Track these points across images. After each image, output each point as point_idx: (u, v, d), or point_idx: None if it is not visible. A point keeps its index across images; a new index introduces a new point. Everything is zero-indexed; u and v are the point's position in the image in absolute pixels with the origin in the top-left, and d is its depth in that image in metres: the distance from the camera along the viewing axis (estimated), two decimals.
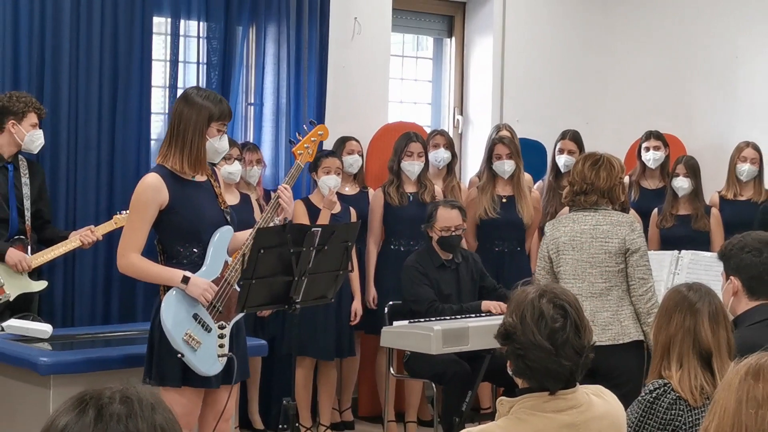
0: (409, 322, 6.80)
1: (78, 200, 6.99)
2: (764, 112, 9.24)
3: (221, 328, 5.12)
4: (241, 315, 5.25)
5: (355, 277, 7.56)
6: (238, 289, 5.19)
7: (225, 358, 5.11)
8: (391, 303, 7.38)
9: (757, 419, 2.36)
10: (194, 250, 5.13)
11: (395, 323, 6.87)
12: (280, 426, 6.23)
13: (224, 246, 5.18)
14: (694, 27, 9.70)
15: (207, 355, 5.07)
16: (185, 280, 5.00)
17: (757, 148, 8.02)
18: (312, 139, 5.74)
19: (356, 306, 7.62)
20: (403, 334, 6.76)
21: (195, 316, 5.05)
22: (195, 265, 5.09)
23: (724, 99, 9.52)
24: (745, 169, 7.96)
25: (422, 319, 6.84)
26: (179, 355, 4.98)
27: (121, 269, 5.17)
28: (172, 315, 5.01)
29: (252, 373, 7.50)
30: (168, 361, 5.04)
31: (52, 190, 6.76)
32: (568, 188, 6.24)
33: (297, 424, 6.94)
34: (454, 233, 7.21)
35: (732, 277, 4.63)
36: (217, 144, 5.16)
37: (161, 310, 5.00)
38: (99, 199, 7.01)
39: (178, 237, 5.12)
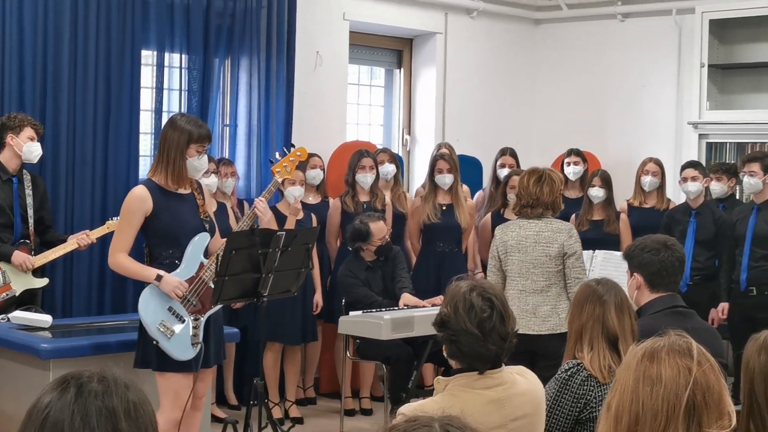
0: (363, 313, 6.82)
1: (75, 208, 6.95)
2: (667, 133, 9.31)
3: (195, 319, 5.12)
4: (216, 308, 5.26)
5: (316, 273, 7.57)
6: (212, 286, 5.20)
7: (198, 345, 5.12)
8: None
9: (652, 395, 2.35)
10: (174, 252, 5.15)
11: (351, 313, 6.89)
12: (251, 402, 6.21)
13: (200, 250, 5.19)
14: (608, 60, 9.75)
15: (181, 343, 5.08)
16: (158, 278, 5.05)
17: (658, 163, 8.05)
18: (291, 159, 5.77)
19: (317, 298, 7.62)
20: (357, 323, 6.78)
21: (170, 309, 5.08)
22: (174, 265, 5.13)
23: (633, 121, 9.58)
24: (647, 180, 7.99)
25: (373, 310, 6.86)
26: (154, 342, 5.01)
27: (111, 266, 5.27)
28: (148, 308, 5.05)
29: (227, 356, 7.51)
30: (149, 348, 5.09)
31: (53, 199, 6.71)
32: (515, 200, 6.28)
33: (266, 400, 6.90)
34: (386, 240, 7.25)
35: (635, 274, 4.64)
36: (197, 162, 5.18)
37: (139, 304, 5.05)
38: (93, 207, 6.98)
39: (161, 241, 5.16)
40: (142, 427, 1.98)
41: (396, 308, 6.96)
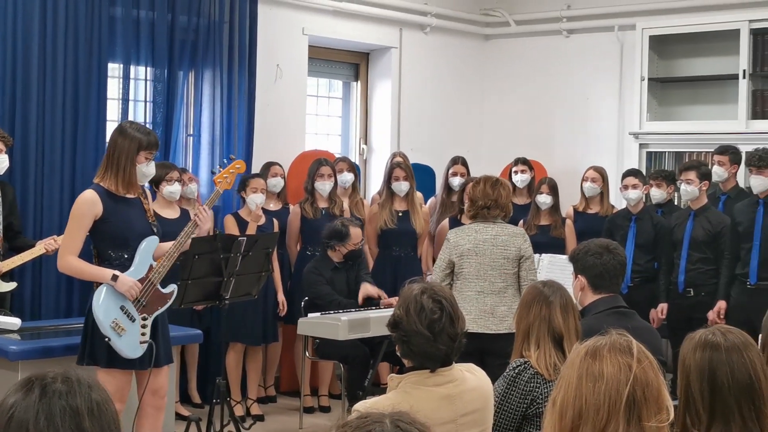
0: (321, 314, 6.81)
1: (44, 214, 6.88)
2: (609, 143, 9.36)
3: (144, 319, 5.09)
4: (162, 309, 5.21)
5: (277, 275, 7.55)
6: (161, 288, 5.17)
7: (146, 344, 5.08)
8: (306, 298, 7.34)
9: (594, 391, 2.35)
10: (123, 254, 5.10)
11: (309, 315, 6.88)
12: (214, 400, 6.18)
13: (150, 252, 5.14)
14: (554, 74, 9.79)
15: (131, 341, 5.04)
16: (114, 278, 4.99)
17: (599, 171, 8.09)
18: (231, 171, 5.74)
19: (281, 298, 7.59)
20: (316, 324, 6.77)
21: (122, 308, 5.02)
22: (123, 266, 5.08)
23: (577, 132, 9.63)
24: (588, 187, 8.04)
25: (331, 312, 6.84)
26: (107, 339, 4.95)
27: (60, 269, 5.18)
28: (102, 305, 4.98)
29: (191, 357, 7.49)
30: (98, 345, 5.01)
31: (22, 205, 6.64)
32: (469, 204, 6.27)
33: (228, 399, 6.86)
34: (359, 246, 7.27)
35: (579, 276, 4.65)
36: (145, 169, 5.14)
37: (92, 301, 4.99)
38: (62, 213, 6.87)
39: (110, 243, 5.10)
40: (105, 426, 1.97)
41: (353, 309, 6.94)
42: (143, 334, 5.08)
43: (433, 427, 3.41)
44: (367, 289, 7.11)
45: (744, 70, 8.30)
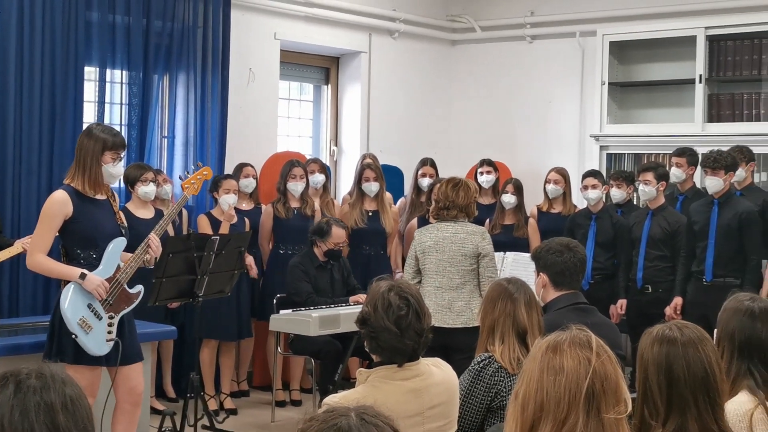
0: (293, 311, 6.81)
1: (22, 214, 6.80)
2: (571, 145, 9.39)
3: (110, 318, 5.05)
4: (128, 309, 5.16)
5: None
6: (128, 288, 5.13)
7: (112, 342, 5.04)
8: (278, 296, 7.33)
9: (555, 384, 2.36)
10: (91, 254, 5.06)
11: (282, 312, 6.87)
12: (189, 395, 6.16)
13: (117, 253, 5.11)
14: (518, 78, 9.81)
15: (97, 338, 5.00)
16: (82, 276, 4.95)
17: (561, 172, 8.11)
18: (198, 177, 5.73)
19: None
20: (288, 321, 6.75)
21: (89, 306, 4.98)
22: (91, 266, 5.03)
23: (540, 134, 9.65)
24: (550, 188, 8.05)
25: (303, 308, 6.84)
26: (73, 336, 4.91)
27: (29, 266, 5.13)
28: (70, 303, 4.93)
29: (165, 353, 7.45)
30: (65, 341, 4.97)
31: (1, 206, 6.60)
32: (434, 205, 6.29)
33: (202, 393, 6.85)
34: (340, 247, 7.24)
35: (541, 273, 4.66)
36: (112, 169, 5.09)
37: (60, 298, 4.94)
38: (38, 212, 6.73)
39: (79, 242, 5.05)
40: (79, 420, 1.96)
41: (324, 306, 6.92)
42: (110, 332, 5.04)
43: (401, 420, 3.41)
44: (355, 298, 7.10)
45: (700, 75, 8.35)
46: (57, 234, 5.07)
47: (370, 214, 8.02)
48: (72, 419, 1.94)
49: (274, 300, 7.27)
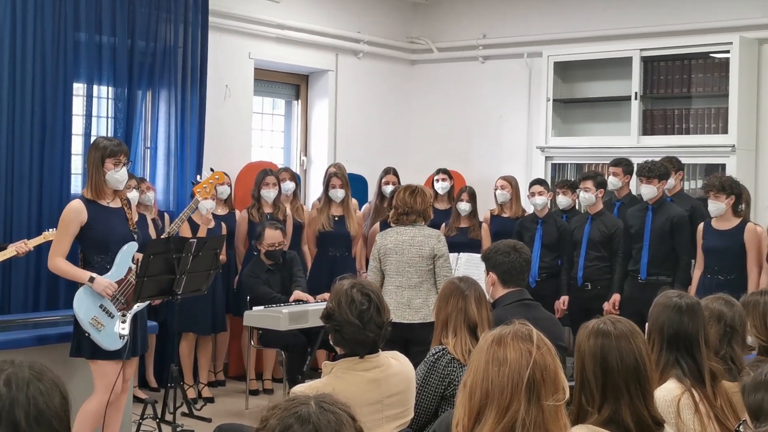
0: (264, 308, 6.77)
1: (14, 220, 6.73)
2: (519, 155, 9.44)
3: (123, 315, 5.05)
4: (139, 306, 5.17)
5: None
6: None
7: (125, 338, 5.05)
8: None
9: (499, 374, 2.36)
10: (105, 257, 5.08)
11: (254, 308, 6.83)
12: (169, 384, 6.12)
13: (129, 256, 5.14)
14: (471, 94, 9.85)
15: (110, 335, 5.03)
16: (91, 279, 4.97)
17: (508, 180, 8.08)
18: (210, 181, 5.72)
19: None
20: (260, 316, 6.73)
21: (101, 306, 5.01)
22: (105, 269, 5.06)
23: (491, 146, 9.69)
24: (499, 193, 8.06)
25: (273, 305, 6.80)
26: (87, 334, 4.93)
27: (50, 269, 5.16)
28: (82, 304, 4.99)
29: (148, 346, 7.37)
30: (82, 339, 5.03)
31: None
32: (393, 211, 6.27)
33: (182, 383, 6.81)
34: (277, 248, 7.18)
35: (491, 272, 4.68)
36: (117, 175, 5.11)
37: (74, 301, 4.97)
38: (30, 219, 6.76)
39: (94, 248, 5.09)
40: (44, 418, 1.88)
41: (292, 303, 6.91)
42: (123, 329, 5.06)
43: (362, 407, 3.43)
44: (298, 295, 7.05)
45: (636, 92, 8.41)
46: (76, 240, 5.08)
47: (337, 218, 8.00)
48: (35, 420, 1.85)
49: (248, 297, 7.24)
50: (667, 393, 3.16)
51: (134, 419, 5.93)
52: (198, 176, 6.02)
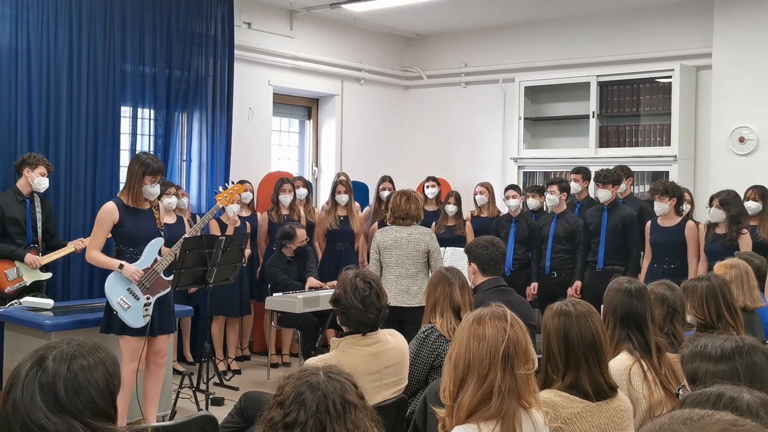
0: (282, 294, 6.76)
1: (72, 221, 6.75)
2: (496, 165, 9.42)
3: (147, 299, 5.03)
4: (164, 292, 5.14)
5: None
6: (164, 276, 5.12)
7: (148, 317, 5.04)
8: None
9: (479, 348, 2.36)
10: (134, 251, 5.06)
11: (274, 295, 6.81)
12: (203, 359, 6.11)
13: (155, 249, 5.11)
14: (455, 114, 9.85)
15: (135, 314, 5.01)
16: (121, 266, 4.96)
17: (485, 185, 8.07)
18: (230, 191, 5.71)
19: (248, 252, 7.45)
20: (279, 301, 6.71)
21: (129, 289, 4.99)
22: (134, 260, 5.04)
23: (473, 156, 9.68)
24: (478, 197, 8.05)
25: (290, 292, 6.80)
26: (114, 312, 4.93)
27: (87, 259, 5.14)
28: (112, 287, 4.98)
29: (184, 327, 7.41)
30: (112, 318, 5.01)
31: (55, 214, 6.50)
32: (390, 213, 6.26)
33: (213, 358, 6.80)
34: (304, 244, 7.21)
35: (472, 263, 4.69)
36: (150, 189, 5.07)
37: (105, 284, 4.98)
38: (85, 221, 6.76)
39: (125, 242, 5.07)
40: (83, 393, 1.83)
41: (306, 290, 6.91)
42: (146, 310, 5.03)
43: (363, 377, 3.43)
44: (311, 281, 7.06)
45: (593, 112, 8.42)
46: (110, 235, 5.07)
47: (342, 218, 7.99)
48: (75, 392, 1.81)
49: (269, 286, 7.24)
50: (620, 363, 3.17)
51: (174, 388, 5.94)
52: (220, 187, 6.02)
